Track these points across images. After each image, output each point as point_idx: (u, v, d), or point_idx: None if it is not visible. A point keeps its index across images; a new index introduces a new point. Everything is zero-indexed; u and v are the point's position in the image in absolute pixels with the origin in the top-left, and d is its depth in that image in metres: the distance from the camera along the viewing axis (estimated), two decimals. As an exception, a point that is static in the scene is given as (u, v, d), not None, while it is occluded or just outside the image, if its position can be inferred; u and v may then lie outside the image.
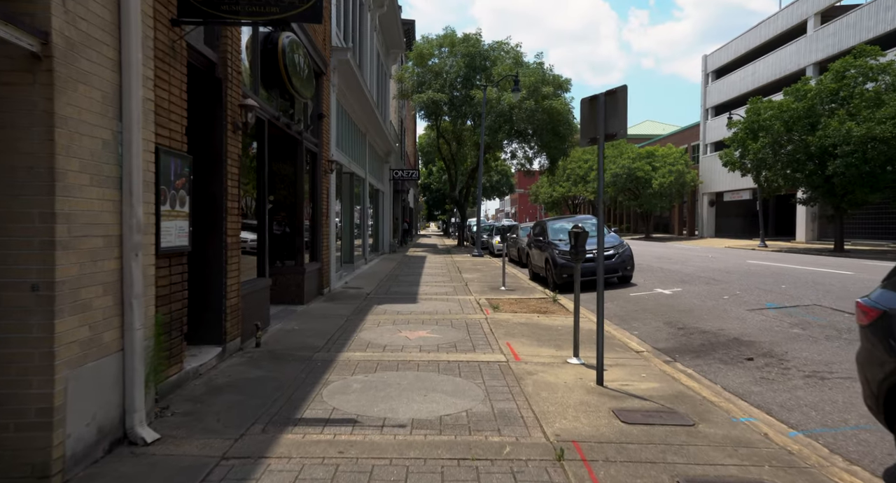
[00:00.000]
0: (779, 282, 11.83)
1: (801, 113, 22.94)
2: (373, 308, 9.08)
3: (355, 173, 15.63)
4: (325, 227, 10.61)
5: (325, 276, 10.63)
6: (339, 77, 11.84)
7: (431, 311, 8.75)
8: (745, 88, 38.52)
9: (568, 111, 26.08)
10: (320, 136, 10.33)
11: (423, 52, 27.01)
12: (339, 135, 13.06)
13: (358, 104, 14.71)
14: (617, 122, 4.76)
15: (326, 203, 10.78)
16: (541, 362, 5.69)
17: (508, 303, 9.77)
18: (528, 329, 7.38)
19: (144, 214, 3.68)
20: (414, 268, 17.27)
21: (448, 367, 5.45)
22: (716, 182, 42.69)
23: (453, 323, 7.78)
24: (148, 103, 3.78)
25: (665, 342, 7.03)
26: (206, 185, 5.45)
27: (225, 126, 5.47)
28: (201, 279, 5.46)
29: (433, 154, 44.20)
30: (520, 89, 22.77)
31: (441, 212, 60.33)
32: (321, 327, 7.40)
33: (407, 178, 26.33)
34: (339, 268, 13.35)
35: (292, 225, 9.26)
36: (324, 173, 10.52)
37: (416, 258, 21.90)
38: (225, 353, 5.51)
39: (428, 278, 14.02)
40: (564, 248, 12.46)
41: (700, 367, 5.82)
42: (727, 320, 8.06)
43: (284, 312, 8.36)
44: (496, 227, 28.21)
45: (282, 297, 9.08)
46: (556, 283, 12.20)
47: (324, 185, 10.54)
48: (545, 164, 30.75)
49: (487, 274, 15.24)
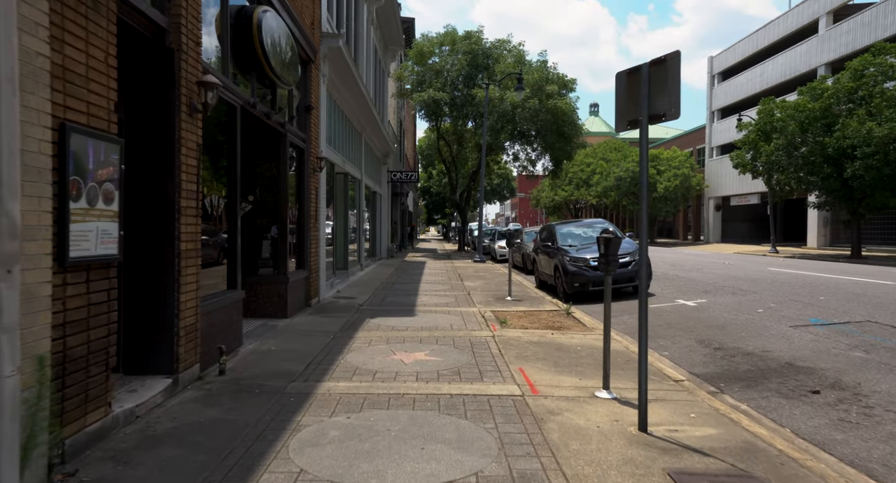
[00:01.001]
0: (814, 293, 10.79)
1: (818, 113, 21.97)
2: (365, 322, 8.06)
3: (350, 174, 14.64)
4: (313, 231, 9.60)
5: (312, 285, 9.61)
6: (331, 67, 10.86)
7: (431, 327, 7.73)
8: (752, 90, 37.59)
9: (573, 111, 25.14)
10: (308, 130, 9.34)
11: (423, 50, 26.08)
12: (332, 131, 12.07)
13: (353, 99, 13.72)
14: (666, 100, 3.75)
15: (315, 204, 9.78)
16: (564, 396, 4.67)
17: (517, 316, 8.75)
18: (543, 350, 6.35)
19: (32, 213, 2.67)
20: (412, 275, 16.25)
21: (451, 403, 4.43)
22: (722, 186, 41.73)
23: (456, 341, 6.76)
24: (39, 60, 2.77)
25: (703, 366, 6.00)
26: (153, 180, 4.44)
27: (177, 107, 4.47)
28: (148, 295, 4.44)
29: (433, 157, 43.25)
30: (523, 87, 21.83)
31: (441, 216, 59.33)
32: (303, 347, 6.38)
33: (406, 180, 25.34)
34: (331, 275, 12.34)
35: (274, 228, 8.25)
36: (312, 171, 9.52)
37: (414, 264, 20.89)
38: (177, 386, 4.49)
39: (427, 287, 13.00)
40: (575, 254, 11.46)
41: (756, 402, 4.80)
42: (770, 339, 7.03)
43: (263, 329, 7.34)
44: (498, 231, 27.18)
45: (262, 311, 8.07)
46: (567, 293, 11.18)
47: (312, 185, 9.53)
48: (549, 166, 29.80)
49: (491, 282, 14.22)
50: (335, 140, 12.51)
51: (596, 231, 12.73)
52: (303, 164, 9.24)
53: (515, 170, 31.05)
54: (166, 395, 4.30)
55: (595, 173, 49.75)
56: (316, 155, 9.68)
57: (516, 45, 26.99)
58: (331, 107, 11.78)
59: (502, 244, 23.94)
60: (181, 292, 4.50)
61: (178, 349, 4.49)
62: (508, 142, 29.00)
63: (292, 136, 8.46)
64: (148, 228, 4.41)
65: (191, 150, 4.67)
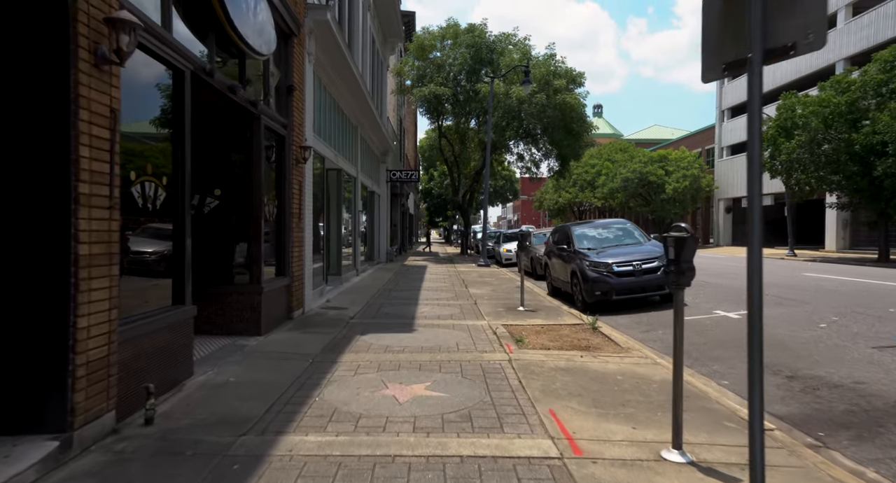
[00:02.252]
0: (878, 303, 9.38)
1: (843, 108, 20.64)
2: (354, 340, 6.73)
3: (344, 170, 13.33)
4: (296, 232, 8.28)
5: (295, 294, 8.29)
6: (319, 46, 9.56)
7: (432, 346, 6.40)
8: (765, 87, 36.20)
9: (581, 106, 23.81)
10: (290, 114, 8.03)
11: (424, 44, 24.79)
12: (321, 121, 10.77)
13: (346, 88, 12.43)
14: (798, 22, 2.42)
15: (299, 201, 8.46)
16: (619, 459, 3.33)
17: (534, 332, 7.41)
18: (575, 380, 5.02)
19: None
20: (412, 280, 14.91)
21: (462, 473, 3.10)
22: (733, 187, 40.42)
23: (464, 368, 5.42)
24: None
25: (783, 403, 4.66)
26: (31, 155, 3.13)
27: (73, 53, 3.15)
28: (25, 320, 3.12)
29: (434, 158, 41.95)
30: (530, 81, 20.51)
31: (443, 218, 57.98)
32: (271, 377, 5.04)
33: (406, 179, 24.01)
34: (320, 282, 11.02)
35: (245, 229, 6.94)
36: (295, 163, 8.20)
37: (415, 268, 19.56)
38: (69, 449, 3.16)
39: (428, 294, 11.67)
40: (596, 258, 10.11)
41: (887, 467, 3.46)
42: (856, 365, 5.68)
43: (227, 351, 6.01)
44: (503, 233, 25.85)
45: (230, 327, 6.74)
46: (587, 303, 9.84)
47: (295, 178, 8.22)
48: (555, 166, 28.45)
49: (498, 288, 12.88)
50: (326, 131, 11.21)
51: (614, 232, 11.42)
52: (283, 153, 7.93)
53: (519, 171, 29.63)
54: (47, 467, 2.95)
55: (600, 174, 48.49)
56: (300, 143, 8.37)
57: (522, 39, 25.72)
58: (320, 93, 10.49)
59: (508, 247, 22.61)
60: (79, 315, 3.18)
61: (74, 396, 3.16)
62: (513, 141, 27.73)
63: (269, 119, 7.16)
64: (19, 224, 3.09)
65: (98, 117, 3.35)
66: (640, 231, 11.45)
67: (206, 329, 6.71)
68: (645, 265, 9.75)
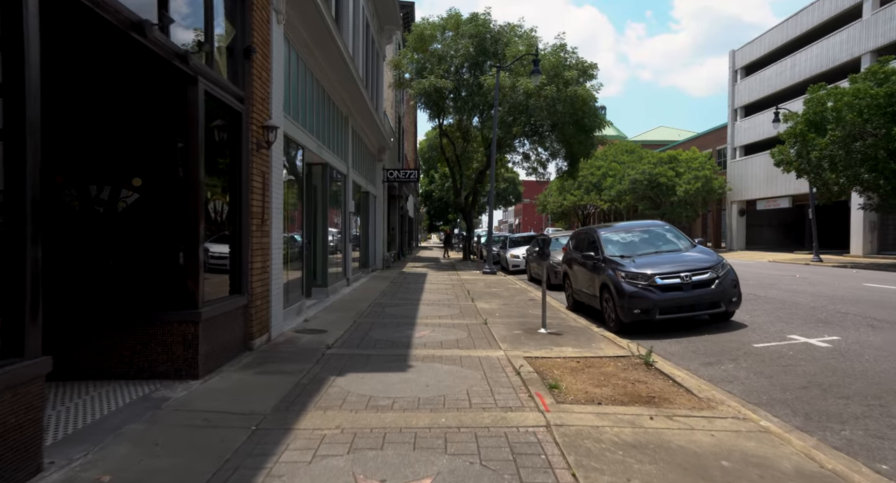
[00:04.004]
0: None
1: (881, 100, 18.83)
2: (325, 386, 4.87)
3: (331, 166, 11.51)
4: (257, 237, 6.42)
5: (257, 316, 6.42)
6: (292, 8, 7.74)
7: (434, 397, 4.53)
8: (782, 84, 34.46)
9: (594, 100, 21.95)
10: (248, 84, 6.20)
11: (423, 34, 22.99)
12: (301, 103, 8.95)
13: (331, 68, 10.61)
14: None
15: (262, 196, 6.61)
16: None
17: (570, 370, 5.54)
18: (662, 474, 3.15)
19: None
20: (410, 292, 13.05)
21: None
22: (747, 189, 38.57)
23: (482, 445, 3.55)
24: None
25: None
26: None
27: None
28: None
29: (435, 160, 40.05)
30: (539, 71, 18.66)
31: (444, 222, 56.06)
32: (172, 473, 3.17)
33: (404, 179, 22.13)
34: (301, 296, 9.18)
35: (179, 232, 5.09)
36: (255, 147, 6.35)
37: (413, 276, 17.69)
38: None
39: (428, 310, 9.80)
40: (633, 268, 8.24)
41: None
42: None
43: (132, 411, 4.12)
44: (510, 238, 23.98)
45: (152, 368, 4.89)
46: (623, 322, 7.98)
47: (256, 167, 6.37)
48: (563, 166, 26.58)
49: (510, 302, 11.02)
50: (307, 117, 9.39)
51: (650, 236, 9.55)
52: (240, 134, 6.08)
53: (524, 172, 27.73)
54: None
55: (607, 176, 46.67)
56: (261, 122, 6.53)
57: (528, 30, 23.93)
58: (296, 66, 8.66)
59: (515, 253, 20.74)
60: None
61: None
62: (518, 140, 25.91)
63: (213, 85, 5.31)
64: None
65: None
66: (681, 234, 9.60)
67: (121, 372, 4.86)
68: (695, 277, 7.89)
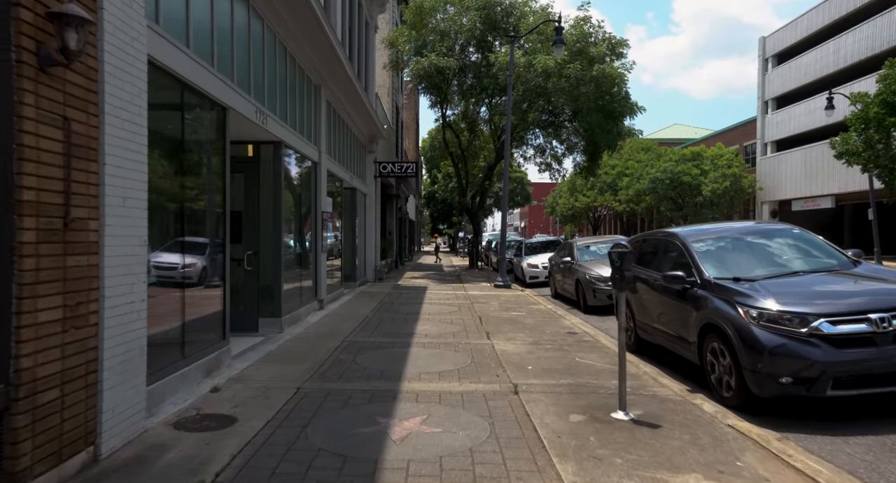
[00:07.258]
0: None
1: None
2: None
3: (287, 144, 8.22)
4: (50, 257, 3.09)
5: (43, 424, 3.09)
6: None
7: None
8: (824, 71, 31.00)
9: (624, 81, 18.58)
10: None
11: (423, 6, 19.63)
12: (210, 24, 5.66)
13: (285, 8, 7.31)
14: None
15: (67, 169, 3.27)
16: None
17: None
18: None
19: None
20: (401, 321, 9.69)
21: None
22: (779, 188, 35.13)
23: None
24: None
25: None
26: None
27: None
28: None
29: (438, 159, 36.72)
30: (562, 41, 15.33)
31: (448, 225, 52.65)
32: None
33: (401, 174, 18.71)
34: (220, 339, 5.88)
35: None
36: (36, 64, 3.02)
37: (410, 293, 14.33)
38: None
39: (423, 357, 6.42)
40: (772, 302, 4.81)
41: None
42: None
43: None
44: (526, 243, 20.61)
45: None
46: (753, 395, 4.59)
47: (35, 105, 3.04)
48: (581, 161, 23.03)
49: (540, 336, 7.65)
50: (229, 57, 6.09)
51: (780, 246, 6.16)
52: None
53: (538, 168, 24.50)
54: None
55: (623, 175, 43.19)
56: (47, 7, 3.18)
57: (543, 5, 20.62)
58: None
59: (533, 261, 17.35)
60: None
61: None
62: (532, 131, 22.57)
63: None
64: None
65: None
66: (823, 244, 6.22)
67: None
68: None
